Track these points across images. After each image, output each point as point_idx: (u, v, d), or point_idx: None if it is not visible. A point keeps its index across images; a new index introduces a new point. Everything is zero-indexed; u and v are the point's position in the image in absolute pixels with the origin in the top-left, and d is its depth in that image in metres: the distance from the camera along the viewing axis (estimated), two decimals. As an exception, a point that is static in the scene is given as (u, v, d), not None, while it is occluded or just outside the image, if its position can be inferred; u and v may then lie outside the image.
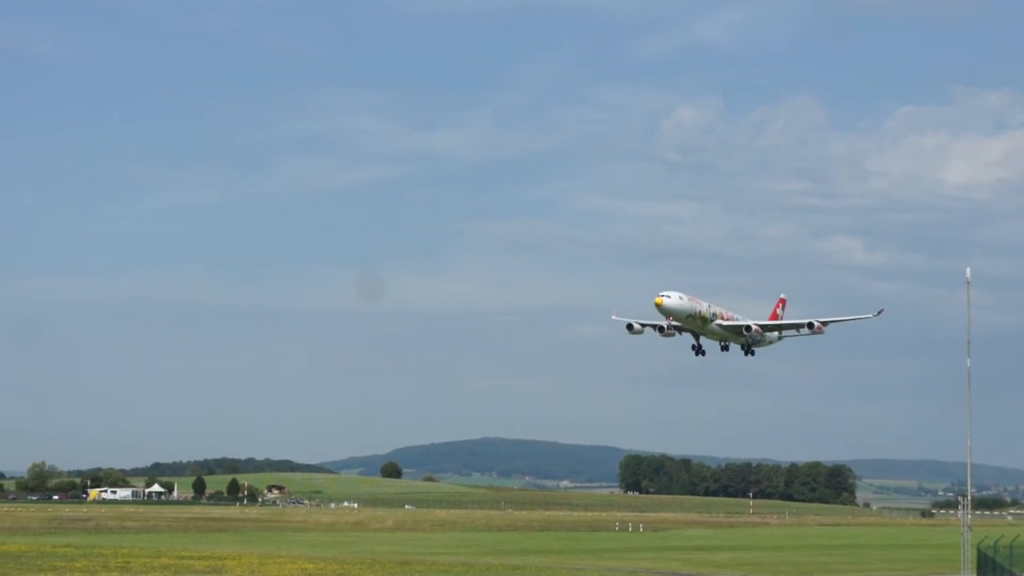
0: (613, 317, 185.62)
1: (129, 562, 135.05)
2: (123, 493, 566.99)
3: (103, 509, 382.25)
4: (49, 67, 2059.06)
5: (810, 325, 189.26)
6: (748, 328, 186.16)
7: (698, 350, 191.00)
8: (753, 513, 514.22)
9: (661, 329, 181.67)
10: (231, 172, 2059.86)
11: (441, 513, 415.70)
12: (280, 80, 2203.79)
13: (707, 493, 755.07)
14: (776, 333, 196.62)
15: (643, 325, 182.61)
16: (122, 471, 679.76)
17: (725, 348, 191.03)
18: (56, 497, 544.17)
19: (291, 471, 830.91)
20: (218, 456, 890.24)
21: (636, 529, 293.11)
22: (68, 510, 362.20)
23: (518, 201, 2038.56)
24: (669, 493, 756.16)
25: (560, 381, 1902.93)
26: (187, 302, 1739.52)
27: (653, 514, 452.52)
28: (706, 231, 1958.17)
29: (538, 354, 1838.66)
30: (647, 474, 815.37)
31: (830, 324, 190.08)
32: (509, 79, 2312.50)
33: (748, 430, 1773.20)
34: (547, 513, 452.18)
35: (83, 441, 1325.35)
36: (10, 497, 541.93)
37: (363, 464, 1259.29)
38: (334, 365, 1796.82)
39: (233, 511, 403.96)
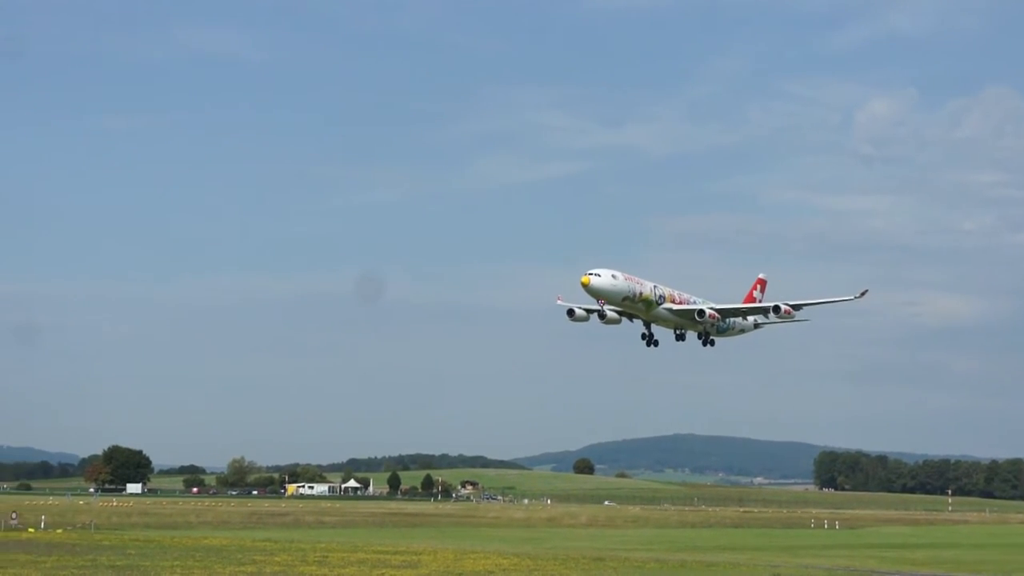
0: (558, 302, 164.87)
1: (327, 556, 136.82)
2: (320, 488, 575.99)
3: (301, 504, 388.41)
4: (240, 68, 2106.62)
5: (776, 309, 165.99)
6: (702, 313, 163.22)
7: (649, 339, 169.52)
8: (952, 511, 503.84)
9: (602, 315, 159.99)
10: (420, 170, 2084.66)
11: (634, 509, 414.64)
12: (467, 77, 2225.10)
13: (904, 490, 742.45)
14: (749, 319, 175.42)
15: (588, 311, 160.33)
16: (319, 467, 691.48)
17: (680, 337, 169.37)
18: (255, 492, 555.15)
19: (484, 467, 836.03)
20: (413, 452, 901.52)
21: (832, 526, 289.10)
22: (267, 505, 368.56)
23: (708, 195, 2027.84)
24: (865, 490, 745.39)
25: (754, 377, 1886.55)
26: (381, 299, 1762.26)
27: (849, 511, 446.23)
28: (900, 224, 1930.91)
29: (731, 349, 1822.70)
30: (842, 471, 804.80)
31: (805, 307, 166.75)
32: (700, 72, 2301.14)
33: (946, 426, 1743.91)
34: (741, 510, 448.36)
35: (281, 437, 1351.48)
36: (211, 492, 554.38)
37: (556, 460, 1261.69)
38: (527, 362, 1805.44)
39: (428, 506, 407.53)
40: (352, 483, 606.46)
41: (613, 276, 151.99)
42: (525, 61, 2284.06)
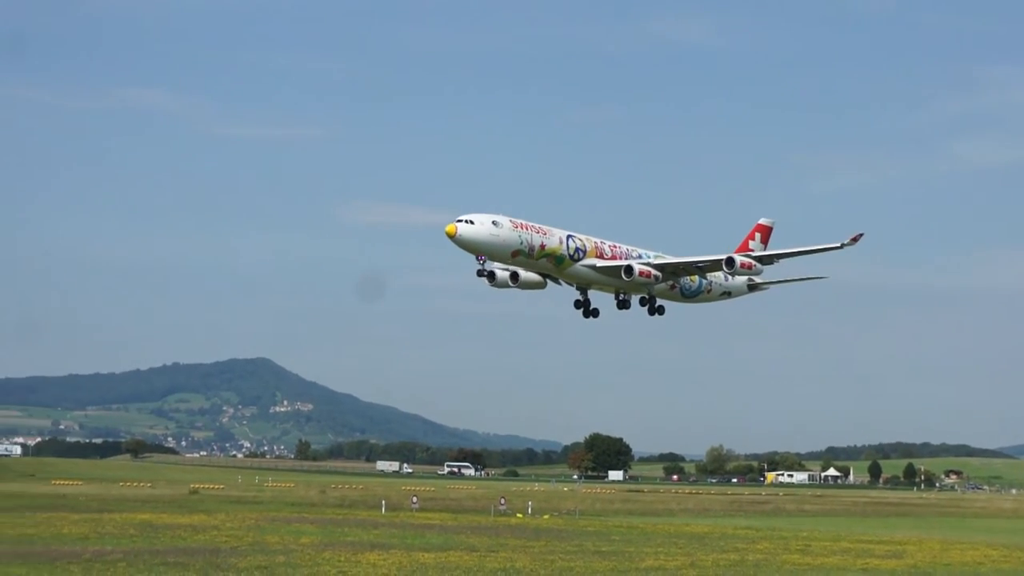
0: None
1: (809, 545, 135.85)
2: (799, 477, 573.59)
3: (780, 492, 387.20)
4: (705, 57, 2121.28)
5: (729, 262, 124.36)
6: (629, 270, 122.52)
7: (585, 308, 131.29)
8: None
9: (515, 277, 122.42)
10: (888, 155, 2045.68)
11: None
12: (941, 57, 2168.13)
13: None
14: (737, 279, 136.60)
15: (511, 274, 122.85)
16: (798, 455, 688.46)
17: (623, 304, 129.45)
18: (735, 480, 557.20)
19: (968, 456, 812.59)
20: (893, 440, 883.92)
21: None
22: (747, 493, 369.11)
23: None
24: None
25: None
26: (867, 286, 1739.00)
27: None
28: None
29: None
30: None
31: (780, 259, 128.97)
32: None
33: None
34: None
35: (759, 425, 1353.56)
36: (691, 480, 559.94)
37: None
38: (1011, 347, 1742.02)
39: (910, 496, 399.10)
40: (832, 472, 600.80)
41: (494, 223, 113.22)
42: (1004, 38, 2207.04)
